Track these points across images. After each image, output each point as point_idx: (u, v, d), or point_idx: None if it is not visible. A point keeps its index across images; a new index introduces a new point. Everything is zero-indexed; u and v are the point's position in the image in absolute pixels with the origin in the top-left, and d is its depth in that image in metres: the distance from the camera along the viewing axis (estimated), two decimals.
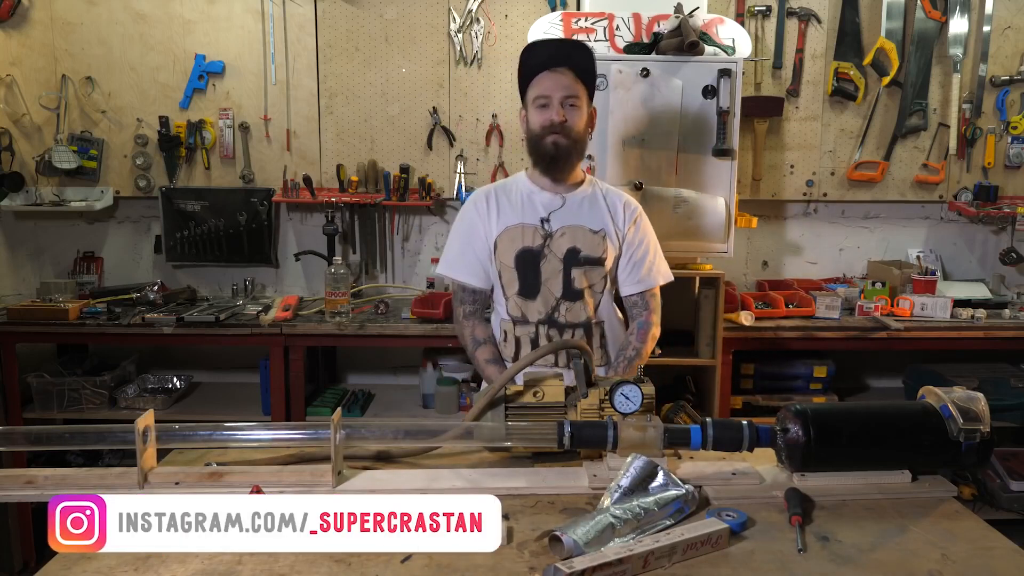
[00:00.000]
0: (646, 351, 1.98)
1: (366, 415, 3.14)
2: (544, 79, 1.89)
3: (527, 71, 1.93)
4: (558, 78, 1.88)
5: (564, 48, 1.99)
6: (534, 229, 1.95)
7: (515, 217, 1.97)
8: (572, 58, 1.91)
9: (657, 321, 2.03)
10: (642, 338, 1.99)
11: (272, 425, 2.11)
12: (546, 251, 1.95)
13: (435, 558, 1.18)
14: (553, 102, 1.88)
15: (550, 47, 1.99)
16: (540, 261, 1.94)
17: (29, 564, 3.04)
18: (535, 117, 1.91)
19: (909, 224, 3.53)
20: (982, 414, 1.41)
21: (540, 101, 1.90)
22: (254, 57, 3.30)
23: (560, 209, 1.97)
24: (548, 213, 1.96)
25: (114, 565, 1.17)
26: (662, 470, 1.35)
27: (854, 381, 3.53)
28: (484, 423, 1.54)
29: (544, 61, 1.90)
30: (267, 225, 3.40)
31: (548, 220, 1.96)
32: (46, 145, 3.28)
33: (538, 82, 1.90)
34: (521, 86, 1.97)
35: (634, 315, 2.04)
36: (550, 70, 1.89)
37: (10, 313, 2.95)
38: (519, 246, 1.95)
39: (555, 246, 1.95)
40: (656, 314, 2.03)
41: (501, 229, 1.97)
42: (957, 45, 3.28)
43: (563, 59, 1.90)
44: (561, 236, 1.95)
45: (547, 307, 1.96)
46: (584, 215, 1.97)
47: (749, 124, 3.22)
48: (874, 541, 1.26)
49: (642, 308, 2.02)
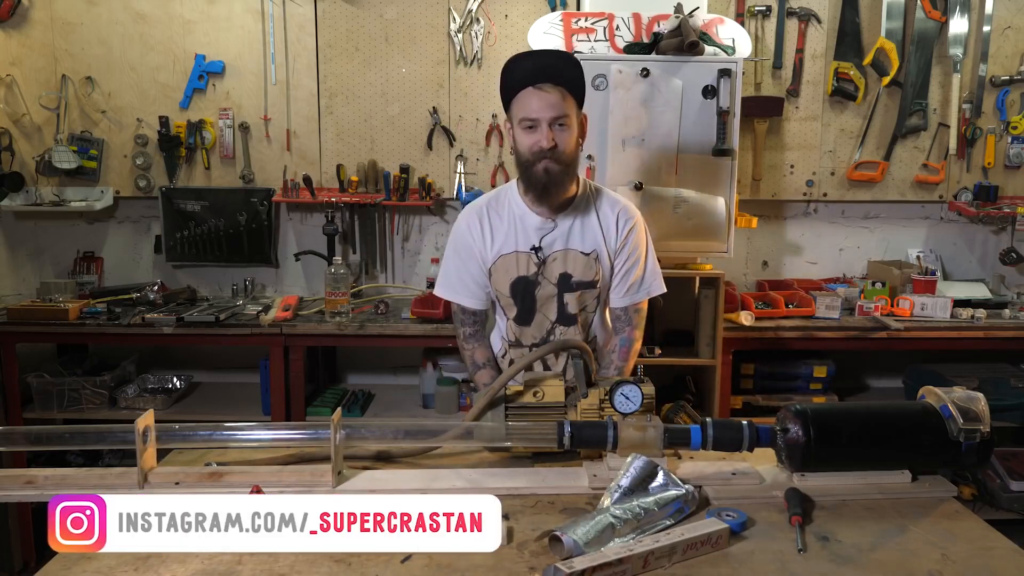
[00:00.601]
0: (627, 369, 1.96)
1: (366, 415, 3.14)
2: (530, 98, 1.76)
3: (510, 85, 1.80)
4: (544, 97, 1.74)
5: (548, 61, 1.83)
6: (528, 257, 1.91)
7: (508, 244, 1.91)
8: (558, 72, 1.78)
9: (640, 336, 1.99)
10: (624, 356, 1.96)
11: (272, 425, 2.11)
12: (540, 279, 1.92)
13: (435, 558, 1.18)
14: (541, 125, 1.76)
15: (534, 61, 1.83)
16: (535, 289, 1.92)
17: (29, 564, 3.04)
18: (523, 139, 1.80)
19: (909, 224, 3.53)
20: (982, 414, 1.42)
21: (527, 123, 1.77)
22: (254, 57, 3.30)
23: (552, 232, 1.90)
24: (540, 239, 1.90)
25: (114, 565, 1.17)
26: (662, 470, 1.35)
27: (854, 381, 3.53)
28: (484, 423, 1.54)
29: (527, 76, 1.76)
30: (267, 225, 3.40)
31: (540, 248, 1.90)
32: (46, 145, 3.28)
33: (523, 101, 1.77)
34: (504, 99, 1.83)
35: (617, 329, 2.00)
36: (535, 87, 1.75)
37: (10, 313, 2.95)
38: (513, 276, 1.92)
39: (548, 272, 1.91)
40: (639, 329, 1.99)
41: (495, 256, 1.92)
42: (957, 45, 3.28)
43: (549, 74, 1.76)
44: (553, 261, 1.91)
45: (542, 331, 1.95)
46: (575, 237, 1.91)
47: (749, 124, 3.22)
48: (874, 541, 1.26)
49: (625, 323, 1.98)
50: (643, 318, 2.01)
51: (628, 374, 1.95)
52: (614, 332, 2.01)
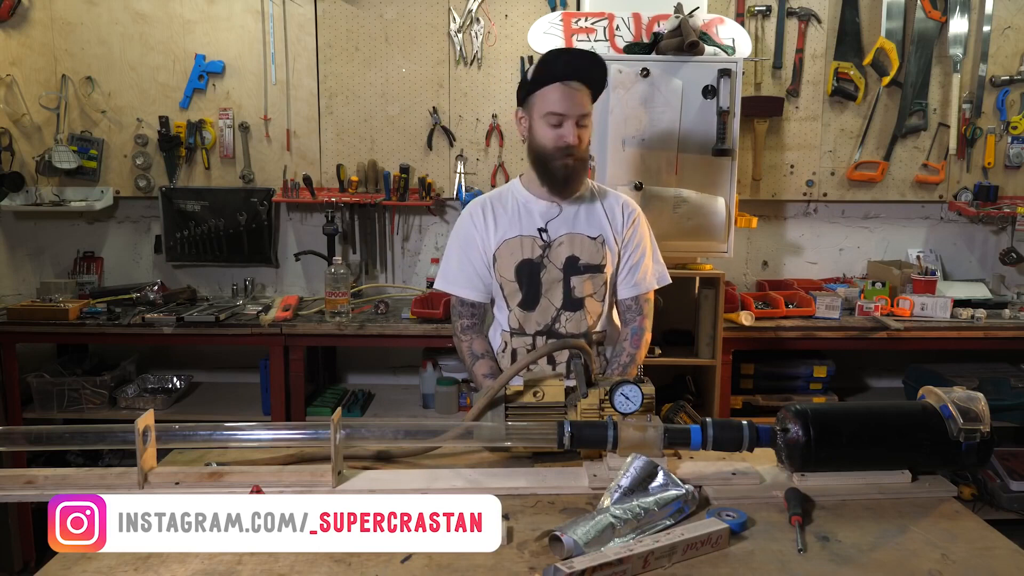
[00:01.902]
0: (640, 356, 1.97)
1: (366, 415, 3.14)
2: (559, 94, 1.81)
3: (540, 79, 1.83)
4: (574, 95, 1.81)
5: (582, 62, 1.86)
6: (532, 240, 1.93)
7: (513, 229, 1.94)
8: (591, 73, 1.85)
9: (649, 326, 2.01)
10: (635, 344, 1.97)
11: (272, 425, 2.11)
12: (545, 261, 1.93)
13: (435, 558, 1.18)
14: (568, 122, 1.81)
15: (572, 58, 1.89)
16: (540, 272, 1.93)
17: (29, 564, 3.04)
18: (545, 132, 1.84)
19: (909, 224, 3.53)
20: (982, 414, 1.41)
21: (552, 119, 1.82)
22: (254, 57, 3.30)
23: (557, 217, 1.94)
24: (546, 223, 1.94)
25: (114, 565, 1.17)
26: (662, 470, 1.35)
27: (854, 381, 3.53)
28: (484, 423, 1.54)
29: (561, 72, 1.82)
30: (267, 225, 3.40)
31: (546, 230, 1.94)
32: (46, 145, 3.28)
33: (551, 95, 1.82)
34: (528, 89, 1.87)
35: (627, 320, 2.02)
36: (565, 83, 1.81)
37: (10, 313, 2.95)
38: (518, 258, 1.93)
39: (554, 256, 1.93)
40: (649, 319, 2.01)
41: (499, 242, 1.94)
42: (957, 45, 3.28)
43: (582, 73, 1.83)
44: (560, 245, 1.93)
45: (547, 318, 1.95)
46: (582, 222, 1.95)
47: (749, 124, 3.22)
48: (874, 541, 1.26)
49: (635, 313, 2.01)
50: (652, 308, 2.03)
51: (641, 362, 1.97)
52: (624, 323, 2.03)
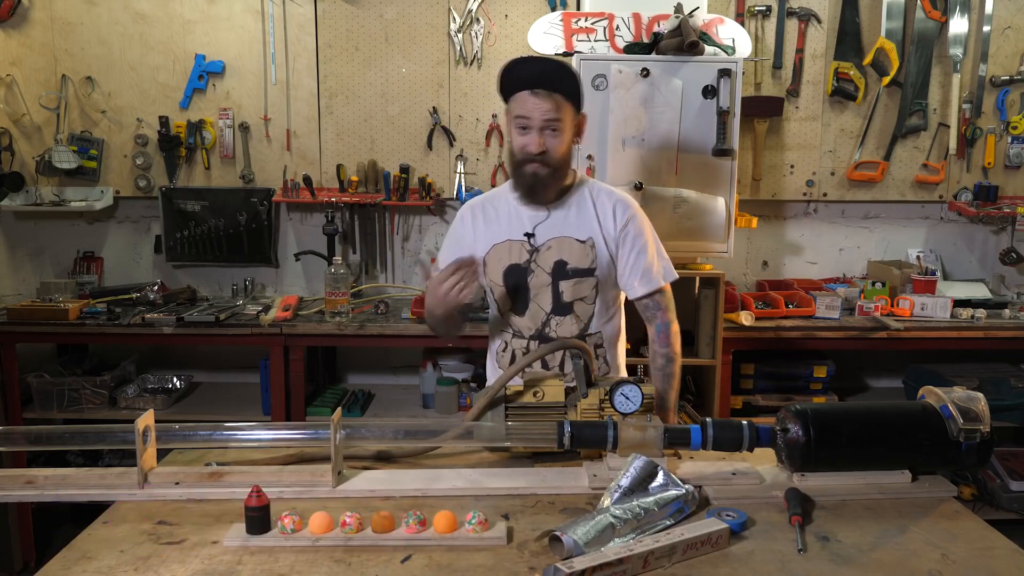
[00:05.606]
0: (674, 351, 1.95)
1: (366, 415, 3.14)
2: (525, 99, 1.79)
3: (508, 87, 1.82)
4: (538, 102, 1.78)
5: (547, 71, 1.82)
6: (520, 245, 1.92)
7: (502, 233, 1.93)
8: (554, 80, 1.80)
9: (673, 318, 1.98)
10: (664, 342, 1.95)
11: (272, 425, 2.10)
12: (533, 266, 1.91)
13: (435, 558, 1.18)
14: (533, 126, 1.80)
15: (530, 68, 1.82)
16: (528, 276, 1.92)
17: (29, 564, 3.04)
18: (515, 138, 1.84)
19: (909, 224, 3.53)
20: (982, 414, 1.41)
21: (520, 123, 1.81)
22: (254, 57, 3.30)
23: (545, 221, 1.92)
24: (533, 227, 1.92)
25: (114, 565, 1.17)
26: (662, 470, 1.35)
27: (854, 381, 3.53)
28: (484, 423, 1.54)
29: (524, 82, 1.79)
30: (267, 225, 3.40)
31: (533, 235, 1.92)
32: (46, 145, 3.28)
33: (519, 100, 1.80)
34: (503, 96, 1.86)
35: (648, 318, 1.98)
36: (531, 91, 1.78)
37: (10, 313, 2.96)
38: (506, 263, 1.92)
39: (541, 260, 1.91)
40: (670, 311, 1.97)
41: (489, 247, 1.94)
42: (957, 45, 3.28)
43: (544, 82, 1.79)
44: (548, 249, 1.91)
45: (537, 322, 1.94)
46: (571, 225, 1.92)
47: (749, 124, 3.22)
48: (874, 541, 1.26)
49: (655, 309, 1.96)
50: (670, 299, 1.98)
51: (680, 355, 1.96)
52: (647, 322, 2.00)
